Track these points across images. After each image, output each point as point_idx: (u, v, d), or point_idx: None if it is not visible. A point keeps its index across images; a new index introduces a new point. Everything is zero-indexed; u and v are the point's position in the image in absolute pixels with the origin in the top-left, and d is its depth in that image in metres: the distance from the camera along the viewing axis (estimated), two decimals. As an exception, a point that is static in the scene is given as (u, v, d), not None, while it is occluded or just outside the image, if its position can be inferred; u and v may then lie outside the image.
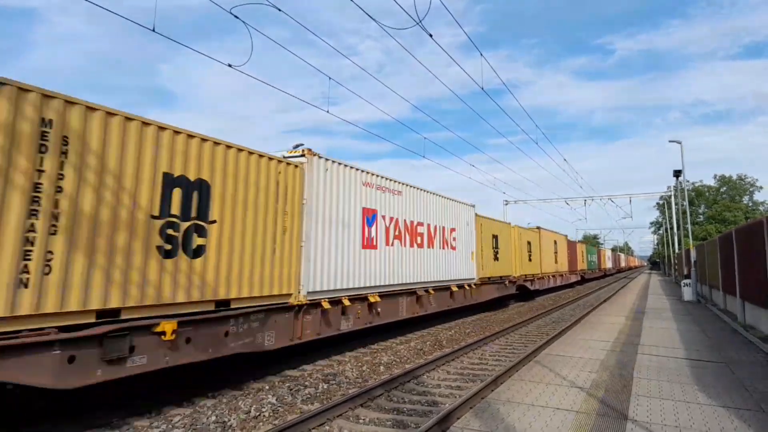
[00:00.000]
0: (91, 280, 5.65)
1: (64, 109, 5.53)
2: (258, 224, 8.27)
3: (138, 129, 6.37)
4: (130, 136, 6.27)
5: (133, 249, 6.16)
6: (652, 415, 5.45)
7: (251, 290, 7.96)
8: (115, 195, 6.03)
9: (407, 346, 11.52)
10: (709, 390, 6.51)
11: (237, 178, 7.89)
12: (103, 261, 5.80)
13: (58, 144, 5.45)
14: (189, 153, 7.09)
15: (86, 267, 5.61)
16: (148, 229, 6.39)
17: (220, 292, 7.37)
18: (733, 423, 5.20)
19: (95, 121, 5.84)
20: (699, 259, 24.81)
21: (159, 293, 6.42)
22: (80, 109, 5.68)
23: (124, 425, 6.17)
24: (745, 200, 58.43)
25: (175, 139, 6.88)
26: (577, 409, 5.65)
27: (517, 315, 18.75)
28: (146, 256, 6.30)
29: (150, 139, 6.51)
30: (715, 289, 19.72)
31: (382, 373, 8.94)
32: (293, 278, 8.96)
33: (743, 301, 13.47)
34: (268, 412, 6.59)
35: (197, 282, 6.98)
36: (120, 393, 7.05)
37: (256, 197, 8.26)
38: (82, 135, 5.69)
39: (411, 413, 6.65)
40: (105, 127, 5.96)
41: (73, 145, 5.60)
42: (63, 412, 6.35)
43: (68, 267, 5.43)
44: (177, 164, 6.87)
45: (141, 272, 6.21)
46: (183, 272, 6.77)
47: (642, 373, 7.45)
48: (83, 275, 5.56)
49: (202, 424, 6.11)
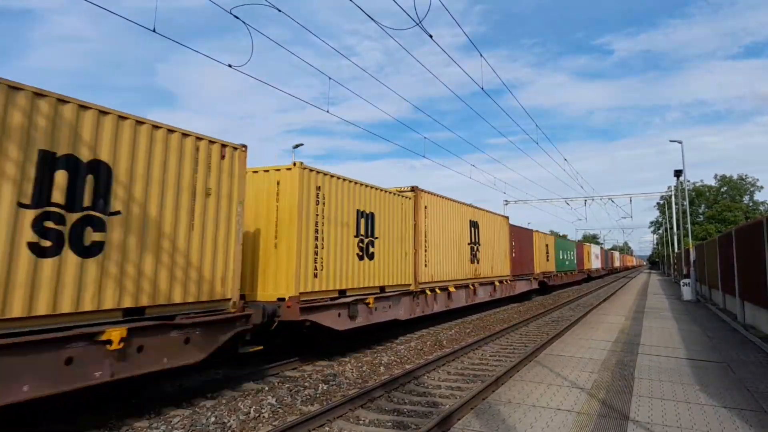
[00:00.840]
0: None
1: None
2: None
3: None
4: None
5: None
6: (653, 415, 5.43)
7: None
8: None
9: (407, 346, 11.49)
10: (711, 390, 6.49)
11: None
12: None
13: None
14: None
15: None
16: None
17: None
18: (735, 423, 5.18)
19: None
20: (698, 259, 24.81)
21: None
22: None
23: (123, 426, 6.14)
24: (746, 200, 58.45)
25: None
26: (578, 410, 5.63)
27: (516, 315, 18.74)
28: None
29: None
30: (714, 288, 19.71)
31: (382, 373, 8.92)
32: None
33: (743, 300, 13.46)
34: (268, 414, 6.57)
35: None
36: (118, 393, 7.02)
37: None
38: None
39: (411, 414, 6.62)
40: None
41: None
42: (63, 413, 6.32)
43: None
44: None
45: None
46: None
47: (643, 374, 7.43)
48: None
49: (202, 425, 6.09)
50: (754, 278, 11.57)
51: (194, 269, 7.01)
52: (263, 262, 9.33)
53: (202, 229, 7.20)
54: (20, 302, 5.03)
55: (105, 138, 5.99)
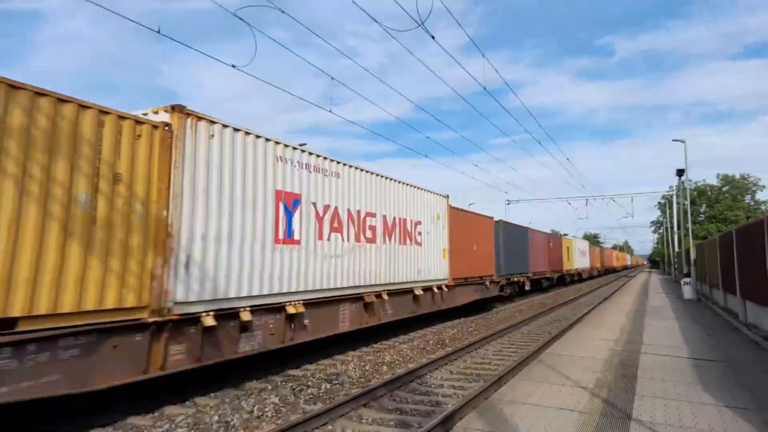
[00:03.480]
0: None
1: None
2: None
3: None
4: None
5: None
6: (656, 415, 5.45)
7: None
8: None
9: (410, 345, 11.52)
10: (713, 389, 6.50)
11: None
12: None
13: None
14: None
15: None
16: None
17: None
18: (738, 423, 5.19)
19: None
20: (699, 258, 24.81)
21: None
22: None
23: (127, 425, 6.17)
24: (747, 200, 58.32)
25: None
26: (581, 409, 5.64)
27: (518, 314, 18.75)
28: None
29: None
30: (715, 287, 19.72)
31: (384, 372, 8.94)
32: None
33: (744, 299, 13.47)
34: (271, 412, 6.59)
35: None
36: (121, 393, 7.04)
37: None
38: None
39: (414, 413, 6.64)
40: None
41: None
42: (65, 412, 6.35)
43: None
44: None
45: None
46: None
47: (645, 373, 7.44)
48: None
49: (205, 424, 6.11)
50: (756, 277, 11.59)
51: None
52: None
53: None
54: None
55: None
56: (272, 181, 8.46)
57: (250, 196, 7.92)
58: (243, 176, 7.79)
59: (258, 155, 8.17)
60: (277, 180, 8.57)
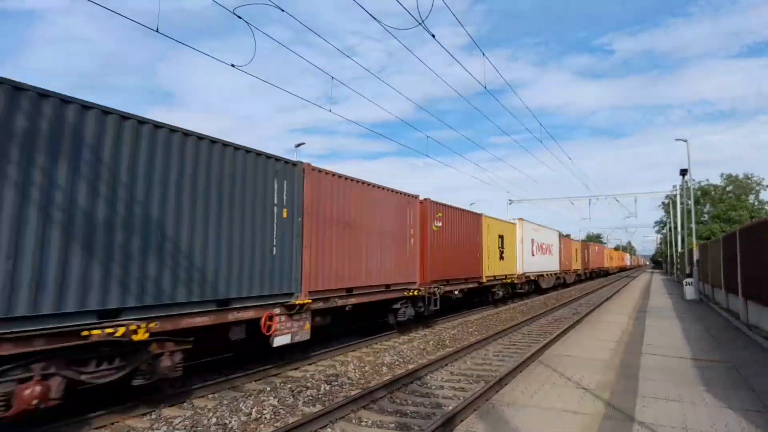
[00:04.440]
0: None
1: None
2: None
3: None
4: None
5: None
6: (658, 416, 5.38)
7: None
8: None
9: (410, 346, 11.45)
10: (716, 391, 6.43)
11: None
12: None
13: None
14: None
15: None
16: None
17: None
18: (741, 424, 5.13)
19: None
20: (701, 258, 24.70)
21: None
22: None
23: (124, 427, 6.12)
24: (751, 199, 58.06)
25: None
26: (582, 411, 5.58)
27: (519, 314, 18.67)
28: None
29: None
30: (717, 287, 19.61)
31: (384, 374, 8.88)
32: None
33: (746, 300, 13.37)
34: (270, 414, 6.53)
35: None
36: (119, 394, 7.00)
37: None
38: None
39: (414, 415, 6.58)
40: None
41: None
42: (63, 413, 6.30)
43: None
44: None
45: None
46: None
47: (647, 374, 7.37)
48: None
49: (203, 426, 6.06)
50: (758, 277, 11.50)
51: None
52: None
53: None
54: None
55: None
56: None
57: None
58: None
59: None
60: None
